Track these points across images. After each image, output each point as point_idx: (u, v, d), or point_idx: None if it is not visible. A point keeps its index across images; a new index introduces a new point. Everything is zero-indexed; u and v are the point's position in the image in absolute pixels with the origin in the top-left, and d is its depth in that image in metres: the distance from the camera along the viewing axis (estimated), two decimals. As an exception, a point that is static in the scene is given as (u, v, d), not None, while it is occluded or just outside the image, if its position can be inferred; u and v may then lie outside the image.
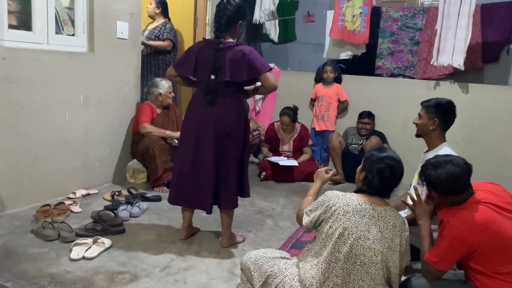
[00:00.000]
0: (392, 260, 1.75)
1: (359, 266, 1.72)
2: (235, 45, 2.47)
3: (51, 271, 2.19)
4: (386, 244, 1.73)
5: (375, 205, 1.79)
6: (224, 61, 2.44)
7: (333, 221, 1.76)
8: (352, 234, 1.72)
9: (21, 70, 2.87)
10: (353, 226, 1.73)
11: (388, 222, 1.76)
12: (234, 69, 2.44)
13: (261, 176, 4.30)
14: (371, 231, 1.73)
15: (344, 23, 4.53)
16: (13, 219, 2.81)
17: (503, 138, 3.95)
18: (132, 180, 3.83)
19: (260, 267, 1.97)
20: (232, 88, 2.51)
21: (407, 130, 4.40)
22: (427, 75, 4.62)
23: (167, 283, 2.17)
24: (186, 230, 2.73)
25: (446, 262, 1.79)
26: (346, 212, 1.75)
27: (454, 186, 1.80)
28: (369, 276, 1.72)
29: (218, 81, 2.46)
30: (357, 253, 1.71)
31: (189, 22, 4.95)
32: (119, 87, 3.68)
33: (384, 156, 1.82)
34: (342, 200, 1.80)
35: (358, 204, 1.77)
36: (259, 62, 2.44)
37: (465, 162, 1.81)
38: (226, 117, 2.51)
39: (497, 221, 1.73)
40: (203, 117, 2.53)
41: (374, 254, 1.71)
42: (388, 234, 1.75)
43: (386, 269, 1.74)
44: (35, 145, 3.03)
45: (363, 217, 1.75)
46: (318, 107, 4.73)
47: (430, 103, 2.41)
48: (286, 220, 3.21)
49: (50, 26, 3.11)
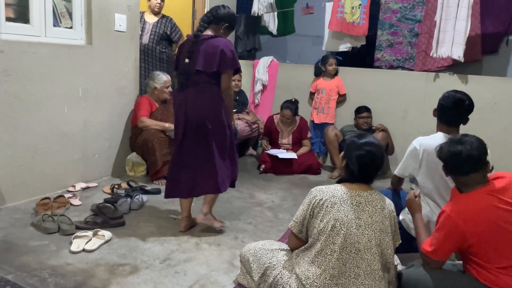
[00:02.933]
0: (385, 242, 1.77)
1: (354, 254, 1.73)
2: (212, 37, 2.57)
3: (51, 264, 2.20)
4: (377, 228, 1.76)
5: (360, 191, 1.80)
6: (199, 50, 2.53)
7: (323, 215, 1.78)
8: (344, 224, 1.74)
9: (19, 63, 2.86)
10: (343, 216, 1.74)
11: (376, 206, 1.79)
12: (207, 59, 2.52)
13: (260, 169, 4.31)
14: (361, 217, 1.75)
15: (343, 15, 4.50)
16: (13, 212, 2.82)
17: (502, 129, 3.95)
18: (131, 173, 3.83)
19: (259, 259, 1.98)
20: (204, 78, 2.56)
21: (406, 122, 4.40)
22: (426, 67, 4.60)
23: (167, 275, 2.18)
24: (185, 221, 2.74)
25: (441, 252, 1.79)
26: (334, 203, 1.77)
27: (454, 163, 1.81)
28: (365, 262, 1.73)
29: (190, 69, 2.55)
30: (351, 242, 1.73)
31: (188, 15, 4.93)
32: (118, 80, 3.67)
33: (363, 142, 1.83)
34: (327, 192, 1.81)
35: (344, 194, 1.79)
36: (229, 58, 2.53)
37: (475, 145, 1.78)
38: (195, 107, 2.56)
39: (499, 214, 1.71)
40: (177, 104, 2.64)
41: (368, 240, 1.74)
42: (378, 217, 1.77)
43: (381, 252, 1.76)
44: (34, 138, 3.02)
45: (351, 205, 1.77)
46: (318, 99, 4.72)
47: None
48: (286, 212, 3.22)
49: (48, 18, 3.10)
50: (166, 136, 3.69)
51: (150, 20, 4.42)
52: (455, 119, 2.37)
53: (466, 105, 2.36)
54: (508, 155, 3.95)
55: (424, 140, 2.37)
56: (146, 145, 3.64)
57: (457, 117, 2.36)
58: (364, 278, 1.73)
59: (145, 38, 4.33)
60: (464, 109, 2.37)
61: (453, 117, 2.36)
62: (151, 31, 4.36)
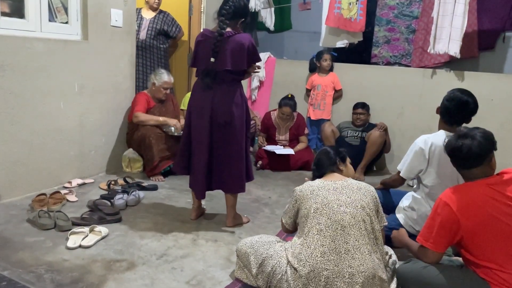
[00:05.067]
0: (370, 217, 1.88)
1: (341, 231, 1.83)
2: (234, 34, 2.54)
3: (48, 260, 2.19)
4: (359, 205, 1.89)
5: (335, 180, 2.01)
6: (225, 49, 2.50)
7: (304, 203, 1.95)
8: (326, 205, 1.88)
9: (14, 58, 2.84)
10: (323, 198, 1.91)
11: (353, 187, 1.96)
12: (235, 58, 2.51)
13: (257, 165, 4.31)
14: (340, 198, 1.90)
15: (340, 11, 4.50)
16: (8, 208, 2.80)
17: (499, 125, 3.96)
18: (128, 169, 3.82)
19: (256, 251, 2.01)
20: (230, 77, 2.57)
21: (403, 118, 4.41)
22: (423, 63, 4.60)
23: (164, 271, 2.18)
24: (196, 211, 2.86)
25: (437, 241, 1.79)
26: (312, 191, 1.96)
27: (455, 157, 1.85)
28: (352, 237, 1.82)
29: (218, 69, 2.53)
30: (335, 219, 1.84)
31: (184, 10, 4.90)
32: (114, 75, 3.65)
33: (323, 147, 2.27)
34: (305, 186, 2.02)
35: (320, 183, 2.01)
36: (254, 54, 2.59)
37: (476, 142, 1.78)
38: (223, 105, 2.57)
39: (495, 206, 1.71)
40: (200, 103, 2.63)
41: (351, 217, 1.85)
42: (357, 196, 1.92)
43: (367, 227, 1.86)
44: (29, 134, 3.01)
45: (328, 190, 1.95)
46: (314, 96, 4.71)
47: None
48: (283, 208, 3.19)
49: (43, 13, 3.07)
50: (163, 132, 3.68)
51: (147, 16, 4.40)
52: (457, 120, 2.37)
53: (470, 108, 2.36)
54: (505, 151, 3.93)
55: (429, 138, 2.36)
56: (143, 141, 3.62)
57: (460, 118, 2.37)
58: (354, 253, 1.80)
59: (142, 34, 4.31)
60: (468, 112, 2.37)
61: (456, 118, 2.37)
62: (148, 27, 4.33)
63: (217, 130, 2.59)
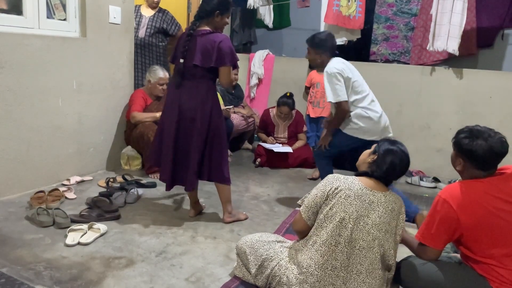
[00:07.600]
0: (388, 243, 1.78)
1: (358, 251, 1.75)
2: (209, 33, 2.55)
3: (46, 257, 2.19)
4: (383, 228, 1.77)
5: (375, 190, 1.81)
6: (195, 46, 2.53)
7: (334, 204, 1.78)
8: (353, 219, 1.75)
9: (12, 55, 2.83)
10: (354, 210, 1.76)
11: (387, 207, 1.79)
12: (204, 54, 2.52)
13: (256, 163, 4.31)
14: (370, 216, 1.76)
15: (339, 8, 4.49)
16: (7, 205, 2.80)
17: (497, 123, 3.96)
18: (126, 166, 3.81)
19: (256, 251, 1.98)
20: (200, 73, 2.57)
21: (401, 116, 4.40)
22: (421, 60, 4.61)
23: (163, 268, 2.18)
24: (194, 208, 2.87)
25: (435, 238, 1.79)
26: (348, 196, 1.78)
27: (486, 158, 1.76)
28: (368, 260, 1.75)
29: (187, 64, 2.56)
30: (356, 238, 1.74)
31: (183, 7, 4.89)
32: (112, 73, 3.64)
33: (397, 146, 1.89)
34: (345, 183, 1.82)
35: (360, 189, 1.80)
36: (226, 53, 2.51)
37: (489, 144, 1.73)
38: (189, 101, 2.59)
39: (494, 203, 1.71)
40: (171, 98, 2.66)
41: (372, 239, 1.75)
42: (387, 219, 1.78)
43: (383, 253, 1.77)
44: (28, 131, 3.00)
45: (363, 202, 1.77)
46: (313, 93, 4.70)
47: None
48: (281, 205, 3.22)
49: (41, 10, 3.06)
50: (161, 129, 3.68)
51: (146, 14, 4.38)
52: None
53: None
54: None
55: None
56: (142, 138, 3.62)
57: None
58: (366, 277, 1.74)
59: (141, 32, 4.29)
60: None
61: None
62: (148, 24, 4.32)
63: (183, 126, 2.61)
